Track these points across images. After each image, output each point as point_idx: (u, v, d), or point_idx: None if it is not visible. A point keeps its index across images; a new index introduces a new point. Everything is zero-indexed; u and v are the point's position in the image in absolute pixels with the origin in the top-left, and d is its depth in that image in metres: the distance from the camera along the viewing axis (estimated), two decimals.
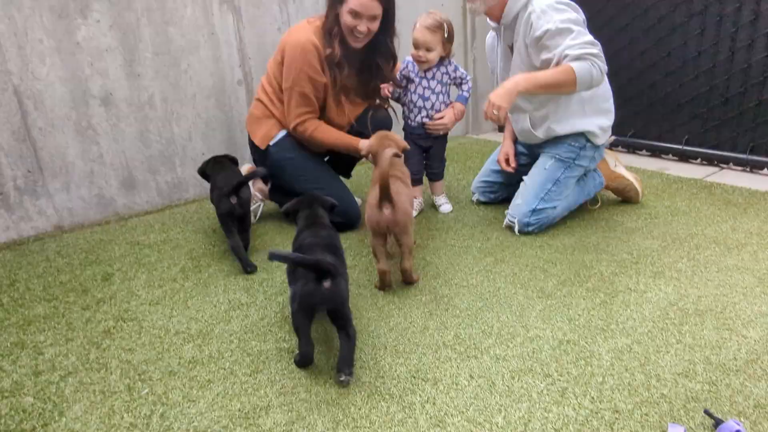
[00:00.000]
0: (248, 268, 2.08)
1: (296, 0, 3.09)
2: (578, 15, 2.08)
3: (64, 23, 2.46)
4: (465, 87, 2.42)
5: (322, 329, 1.68)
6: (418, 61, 2.32)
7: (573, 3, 2.10)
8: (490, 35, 2.45)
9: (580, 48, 1.98)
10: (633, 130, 3.34)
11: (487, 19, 2.31)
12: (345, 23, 2.16)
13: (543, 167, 2.28)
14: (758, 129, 2.84)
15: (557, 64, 2.01)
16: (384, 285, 1.88)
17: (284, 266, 2.11)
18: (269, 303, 1.86)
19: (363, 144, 2.27)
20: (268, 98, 2.37)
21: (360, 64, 2.34)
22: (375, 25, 2.19)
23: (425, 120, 2.41)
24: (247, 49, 3.00)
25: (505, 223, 2.36)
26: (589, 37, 2.02)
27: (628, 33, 3.16)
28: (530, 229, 2.26)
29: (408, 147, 2.22)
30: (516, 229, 2.28)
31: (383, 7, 2.17)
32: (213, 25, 2.85)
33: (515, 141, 2.55)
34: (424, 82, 2.36)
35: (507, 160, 2.49)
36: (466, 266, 2.04)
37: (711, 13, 2.86)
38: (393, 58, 2.35)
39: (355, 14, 2.13)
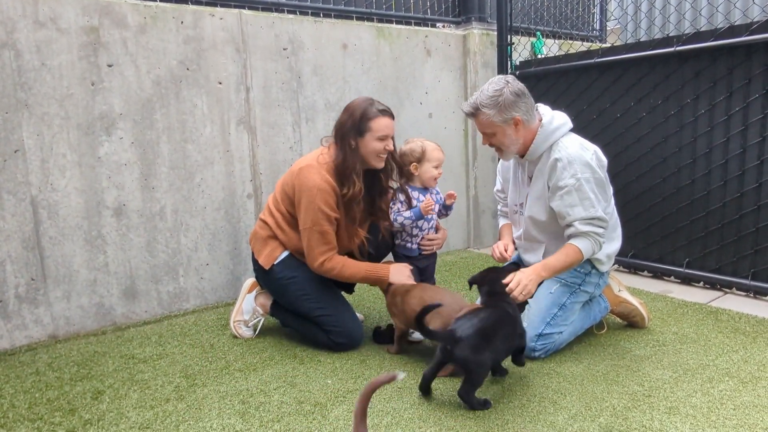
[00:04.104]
0: None
1: (308, 122, 3.29)
2: (602, 173, 2.18)
3: (89, 139, 2.60)
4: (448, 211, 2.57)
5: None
6: (435, 179, 2.45)
7: (600, 154, 2.21)
8: None
9: (587, 225, 2.13)
10: (633, 250, 3.39)
11: None
12: (373, 149, 2.23)
13: (548, 291, 2.28)
14: (758, 255, 2.88)
15: (566, 225, 2.18)
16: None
17: (283, 386, 2.03)
18: (265, 430, 1.76)
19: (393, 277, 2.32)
20: (275, 222, 2.39)
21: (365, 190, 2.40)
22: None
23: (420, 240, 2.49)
24: (259, 165, 3.14)
25: None
26: (600, 212, 2.13)
27: (623, 159, 3.32)
28: (536, 354, 2.21)
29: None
30: None
31: None
32: (229, 143, 3.01)
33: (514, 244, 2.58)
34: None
35: (504, 255, 2.42)
36: None
37: (700, 145, 3.03)
38: (396, 163, 2.42)
39: (384, 137, 2.23)
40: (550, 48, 4.16)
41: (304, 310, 2.37)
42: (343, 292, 2.56)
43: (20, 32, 2.40)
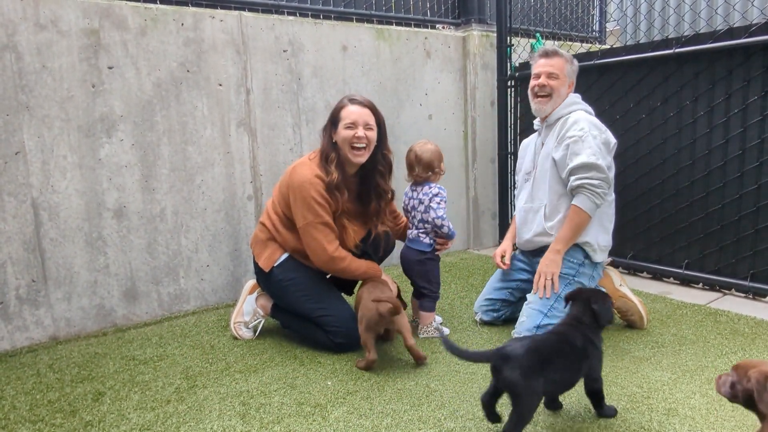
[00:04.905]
0: None
1: (309, 123, 3.29)
2: (608, 137, 2.36)
3: (90, 141, 2.61)
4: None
5: None
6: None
7: (610, 135, 2.40)
8: (529, 138, 2.68)
9: (580, 179, 2.26)
10: (633, 251, 3.39)
11: (536, 120, 2.59)
12: (344, 139, 2.25)
13: None
14: (757, 256, 2.88)
15: (568, 175, 2.31)
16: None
17: (283, 387, 2.04)
18: None
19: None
20: (272, 224, 2.41)
21: (358, 190, 2.41)
22: (373, 135, 2.29)
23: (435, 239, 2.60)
24: (260, 167, 3.14)
25: None
26: (600, 162, 2.25)
27: (623, 160, 3.32)
28: None
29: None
30: None
31: (375, 119, 2.31)
32: (229, 145, 3.02)
33: (514, 245, 2.69)
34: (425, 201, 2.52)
35: (503, 260, 2.62)
36: (472, 396, 1.96)
37: (699, 147, 3.04)
38: (389, 166, 2.45)
39: (352, 125, 2.25)
40: None
41: (305, 311, 2.38)
42: (343, 293, 2.57)
43: (21, 34, 2.41)
